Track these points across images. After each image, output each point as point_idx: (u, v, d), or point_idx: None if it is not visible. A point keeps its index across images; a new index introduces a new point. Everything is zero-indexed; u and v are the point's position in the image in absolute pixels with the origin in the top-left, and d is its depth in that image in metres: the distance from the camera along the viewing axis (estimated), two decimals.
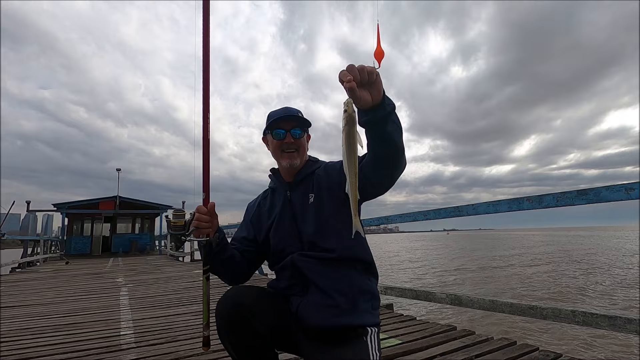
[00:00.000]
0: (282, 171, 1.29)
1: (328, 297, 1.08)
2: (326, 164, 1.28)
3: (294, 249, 1.18)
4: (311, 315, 1.07)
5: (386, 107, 0.87)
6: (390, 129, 0.89)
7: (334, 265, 1.12)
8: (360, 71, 0.81)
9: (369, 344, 1.04)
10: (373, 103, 0.85)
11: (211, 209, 1.10)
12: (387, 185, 1.04)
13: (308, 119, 1.24)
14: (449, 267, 15.92)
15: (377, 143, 0.93)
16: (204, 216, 1.09)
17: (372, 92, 0.84)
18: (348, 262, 1.13)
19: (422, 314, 6.42)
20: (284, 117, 1.21)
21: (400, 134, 0.92)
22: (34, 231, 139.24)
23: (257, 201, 1.38)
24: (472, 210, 2.41)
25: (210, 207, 1.11)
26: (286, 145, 1.21)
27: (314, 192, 1.21)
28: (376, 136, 0.91)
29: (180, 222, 1.12)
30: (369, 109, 0.86)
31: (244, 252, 1.28)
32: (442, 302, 2.60)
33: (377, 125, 0.88)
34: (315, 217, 1.17)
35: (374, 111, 0.86)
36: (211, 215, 1.10)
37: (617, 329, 1.66)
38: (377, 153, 0.95)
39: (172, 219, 1.12)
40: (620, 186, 1.63)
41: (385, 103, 0.87)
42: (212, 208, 1.11)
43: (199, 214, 1.09)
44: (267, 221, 1.27)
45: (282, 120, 1.21)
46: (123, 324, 2.80)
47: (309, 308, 1.09)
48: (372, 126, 0.90)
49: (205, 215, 1.09)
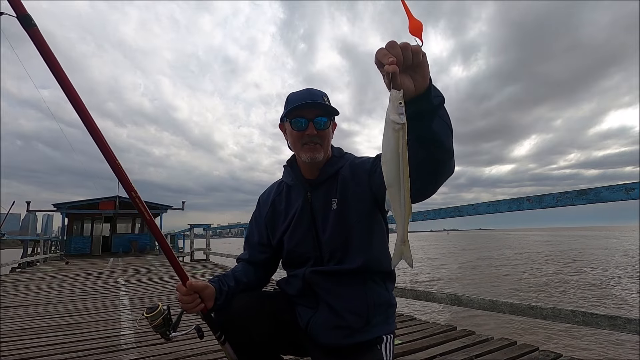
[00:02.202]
0: (301, 165, 1.12)
1: (340, 318, 1.00)
2: (352, 161, 1.12)
3: (311, 257, 1.08)
4: (322, 335, 1.02)
5: (432, 99, 0.70)
6: (437, 128, 0.72)
7: (350, 280, 1.03)
8: (404, 49, 0.63)
9: (384, 353, 0.99)
10: (416, 93, 0.68)
11: (190, 287, 0.94)
12: (429, 193, 0.85)
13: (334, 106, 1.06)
14: (448, 267, 15.91)
15: (418, 144, 0.74)
16: (185, 297, 0.94)
17: (416, 79, 0.67)
18: (367, 275, 1.04)
19: (422, 314, 6.41)
20: (306, 105, 1.02)
21: (450, 134, 0.75)
22: (34, 231, 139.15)
23: (270, 197, 1.22)
24: (472, 210, 2.41)
25: (189, 285, 0.95)
26: (308, 137, 1.04)
27: (337, 196, 1.06)
28: (418, 136, 0.73)
29: (158, 321, 0.98)
30: (411, 100, 0.68)
31: (260, 262, 1.19)
32: (442, 302, 2.60)
33: (419, 121, 0.71)
34: (337, 226, 1.04)
35: (416, 103, 0.69)
36: (194, 292, 0.95)
37: (617, 329, 1.65)
38: (418, 156, 0.75)
39: (149, 320, 0.98)
40: (620, 186, 1.62)
41: (431, 94, 0.69)
42: (191, 287, 0.94)
43: (180, 295, 0.96)
44: (282, 223, 1.14)
45: (304, 107, 1.02)
46: (123, 324, 2.80)
47: (320, 327, 1.03)
48: (414, 122, 0.71)
49: (186, 296, 0.94)
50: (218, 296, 1.00)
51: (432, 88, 0.70)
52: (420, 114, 0.70)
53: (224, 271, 1.16)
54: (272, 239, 1.18)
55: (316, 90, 1.07)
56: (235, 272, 1.13)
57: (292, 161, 1.18)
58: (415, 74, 0.67)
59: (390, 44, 0.63)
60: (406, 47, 0.63)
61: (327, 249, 1.06)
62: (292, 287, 1.13)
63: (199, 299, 0.96)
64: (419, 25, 0.63)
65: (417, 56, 0.64)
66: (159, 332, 0.99)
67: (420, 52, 0.64)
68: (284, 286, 1.17)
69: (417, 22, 0.63)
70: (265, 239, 1.19)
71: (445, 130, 0.73)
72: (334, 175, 1.09)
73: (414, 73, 0.67)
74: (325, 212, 1.07)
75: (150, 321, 0.98)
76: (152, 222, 0.98)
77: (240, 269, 1.16)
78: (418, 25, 0.63)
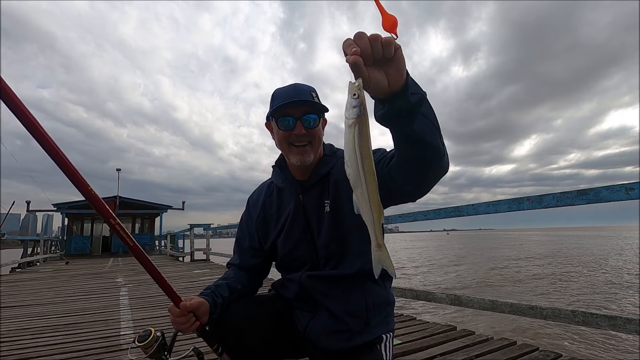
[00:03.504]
0: (290, 166, 1.08)
1: (339, 321, 0.98)
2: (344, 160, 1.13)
3: (307, 261, 1.05)
4: (321, 339, 1.00)
5: (409, 96, 0.63)
6: (419, 127, 0.66)
7: (348, 284, 1.00)
8: (373, 41, 0.57)
9: (384, 352, 0.98)
10: (391, 89, 0.61)
11: (184, 309, 0.90)
12: (421, 193, 0.82)
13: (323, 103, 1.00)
14: (449, 267, 15.91)
15: (402, 145, 0.71)
16: (178, 319, 0.91)
17: (390, 73, 0.60)
18: (366, 277, 1.00)
19: (422, 314, 6.41)
20: (293, 103, 0.95)
21: (436, 131, 0.69)
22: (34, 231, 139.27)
23: (260, 199, 1.16)
24: (472, 210, 2.41)
25: (183, 307, 0.90)
26: (296, 137, 0.97)
27: (329, 198, 1.02)
28: (400, 136, 0.70)
29: (151, 348, 0.94)
30: (386, 98, 0.63)
31: (252, 267, 1.16)
32: (442, 302, 2.60)
33: (398, 121, 0.66)
34: (332, 230, 1.00)
35: (391, 101, 0.63)
36: (187, 312, 0.91)
37: (617, 329, 1.65)
38: (405, 156, 0.73)
39: (142, 349, 0.94)
40: (620, 186, 1.62)
41: (408, 90, 0.62)
42: (185, 308, 0.90)
43: (173, 317, 0.92)
44: (275, 227, 1.10)
45: (290, 105, 0.96)
46: (123, 324, 2.80)
47: (319, 332, 1.01)
48: (392, 123, 0.67)
49: (180, 318, 0.91)
50: (213, 310, 0.97)
51: (410, 84, 0.63)
52: (397, 113, 0.64)
53: (223, 272, 1.15)
54: (264, 243, 1.14)
55: (304, 85, 1.01)
56: (227, 280, 1.09)
57: (280, 161, 1.12)
58: (388, 68, 0.60)
59: (358, 35, 0.57)
60: (376, 38, 0.57)
61: (323, 253, 1.03)
62: (288, 291, 1.10)
63: (193, 317, 0.92)
64: (393, 21, 0.58)
65: (388, 48, 0.57)
66: (154, 359, 0.95)
67: (392, 44, 0.58)
68: (280, 289, 1.15)
69: (390, 17, 0.58)
70: (257, 243, 1.15)
71: (430, 128, 0.68)
72: (325, 176, 1.04)
73: (387, 67, 0.60)
74: (319, 215, 1.02)
75: (144, 349, 0.94)
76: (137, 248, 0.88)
77: (232, 275, 1.13)
78: (392, 20, 0.58)
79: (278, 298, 1.14)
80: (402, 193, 0.84)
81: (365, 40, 0.57)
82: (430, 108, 0.67)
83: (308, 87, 1.01)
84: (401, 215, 3.14)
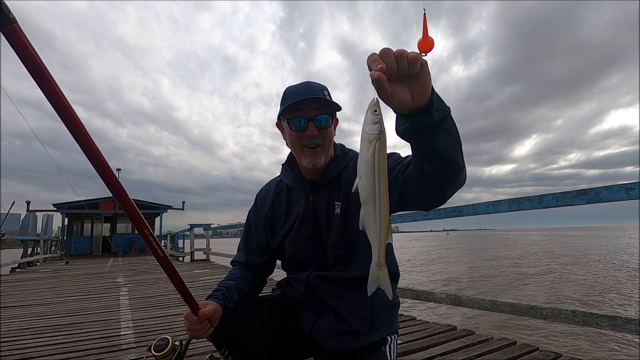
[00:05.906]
0: (301, 167, 1.06)
1: (345, 323, 0.99)
2: (355, 161, 1.12)
3: (314, 262, 1.05)
4: (327, 340, 1.00)
5: (434, 113, 0.61)
6: (442, 144, 0.64)
7: (355, 285, 0.98)
8: (399, 58, 0.56)
9: (388, 354, 0.99)
10: (415, 105, 0.60)
11: (203, 315, 0.89)
12: (436, 204, 0.81)
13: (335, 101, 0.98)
14: (449, 267, 15.91)
15: (421, 159, 0.69)
16: (195, 326, 0.90)
17: (414, 89, 0.59)
18: None
19: (422, 314, 6.41)
20: (306, 101, 0.93)
21: (458, 148, 0.68)
22: (34, 231, 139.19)
23: (269, 197, 1.15)
24: (472, 210, 2.41)
25: (202, 314, 0.89)
26: (308, 138, 0.96)
27: (340, 200, 1.01)
28: (420, 150, 0.68)
29: (169, 356, 0.93)
30: (409, 113, 0.61)
31: (257, 266, 1.15)
32: (442, 302, 2.60)
33: (420, 136, 0.64)
34: (342, 233, 1.00)
35: (415, 117, 0.61)
36: (205, 318, 0.90)
37: (617, 329, 1.65)
38: (423, 169, 0.70)
39: (158, 358, 0.93)
40: (620, 186, 1.62)
41: (432, 107, 0.61)
42: (204, 315, 0.90)
43: (189, 324, 0.91)
44: (283, 227, 1.09)
45: (302, 103, 0.94)
46: (123, 324, 2.80)
47: (325, 332, 1.01)
48: (414, 138, 0.65)
49: (197, 325, 0.90)
50: (224, 314, 0.96)
51: (435, 101, 0.61)
52: (420, 129, 0.62)
53: (223, 272, 1.14)
54: (271, 242, 1.14)
55: (315, 83, 1.00)
56: (235, 280, 1.08)
57: (291, 160, 1.11)
58: (413, 84, 0.59)
59: (385, 51, 0.56)
60: (402, 55, 0.56)
61: (331, 254, 1.02)
62: (294, 291, 1.10)
63: (209, 324, 0.92)
64: (431, 44, 0.59)
65: (414, 65, 0.56)
66: None
67: (419, 60, 0.56)
68: (285, 289, 1.14)
69: (430, 40, 0.59)
70: (264, 242, 1.15)
71: (453, 145, 0.66)
72: (336, 177, 1.03)
73: (413, 83, 0.59)
74: (328, 217, 1.02)
75: (160, 357, 0.93)
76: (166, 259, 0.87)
77: (239, 275, 1.12)
78: (430, 44, 0.59)
79: (282, 299, 1.14)
80: (416, 202, 0.83)
81: (391, 58, 0.56)
82: (453, 124, 0.67)
83: (320, 85, 1.00)
84: (401, 215, 3.14)
